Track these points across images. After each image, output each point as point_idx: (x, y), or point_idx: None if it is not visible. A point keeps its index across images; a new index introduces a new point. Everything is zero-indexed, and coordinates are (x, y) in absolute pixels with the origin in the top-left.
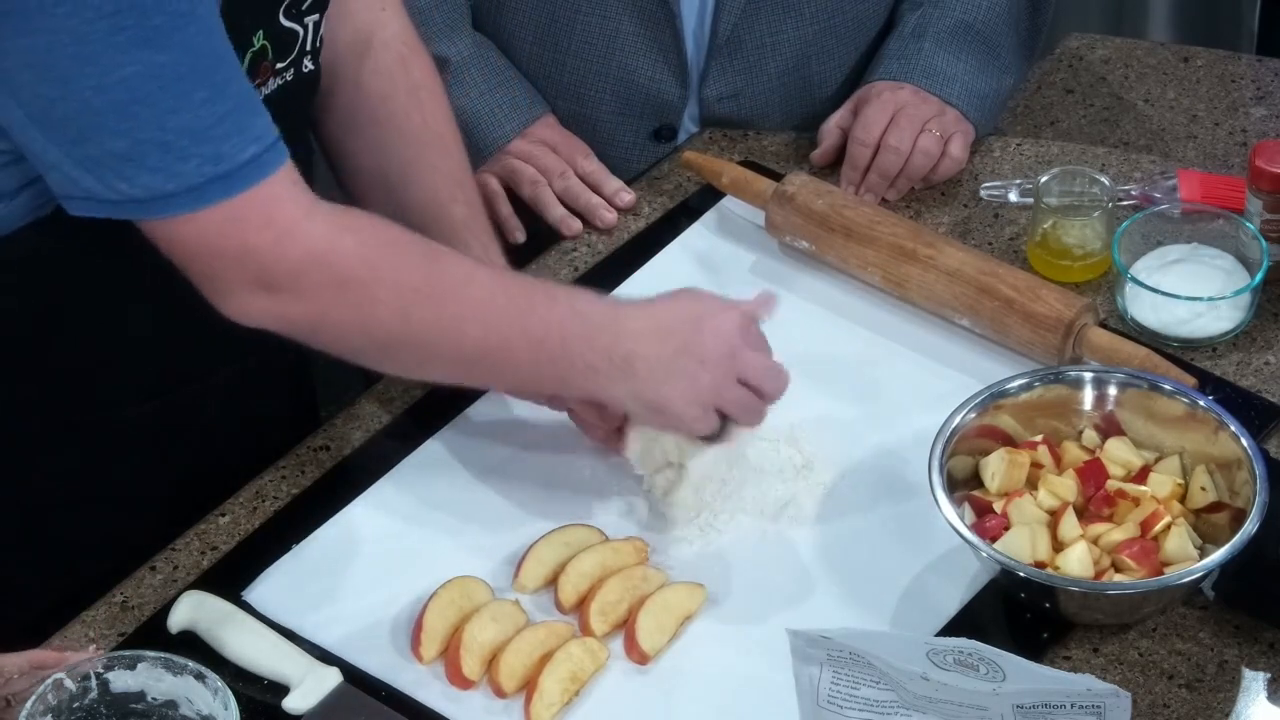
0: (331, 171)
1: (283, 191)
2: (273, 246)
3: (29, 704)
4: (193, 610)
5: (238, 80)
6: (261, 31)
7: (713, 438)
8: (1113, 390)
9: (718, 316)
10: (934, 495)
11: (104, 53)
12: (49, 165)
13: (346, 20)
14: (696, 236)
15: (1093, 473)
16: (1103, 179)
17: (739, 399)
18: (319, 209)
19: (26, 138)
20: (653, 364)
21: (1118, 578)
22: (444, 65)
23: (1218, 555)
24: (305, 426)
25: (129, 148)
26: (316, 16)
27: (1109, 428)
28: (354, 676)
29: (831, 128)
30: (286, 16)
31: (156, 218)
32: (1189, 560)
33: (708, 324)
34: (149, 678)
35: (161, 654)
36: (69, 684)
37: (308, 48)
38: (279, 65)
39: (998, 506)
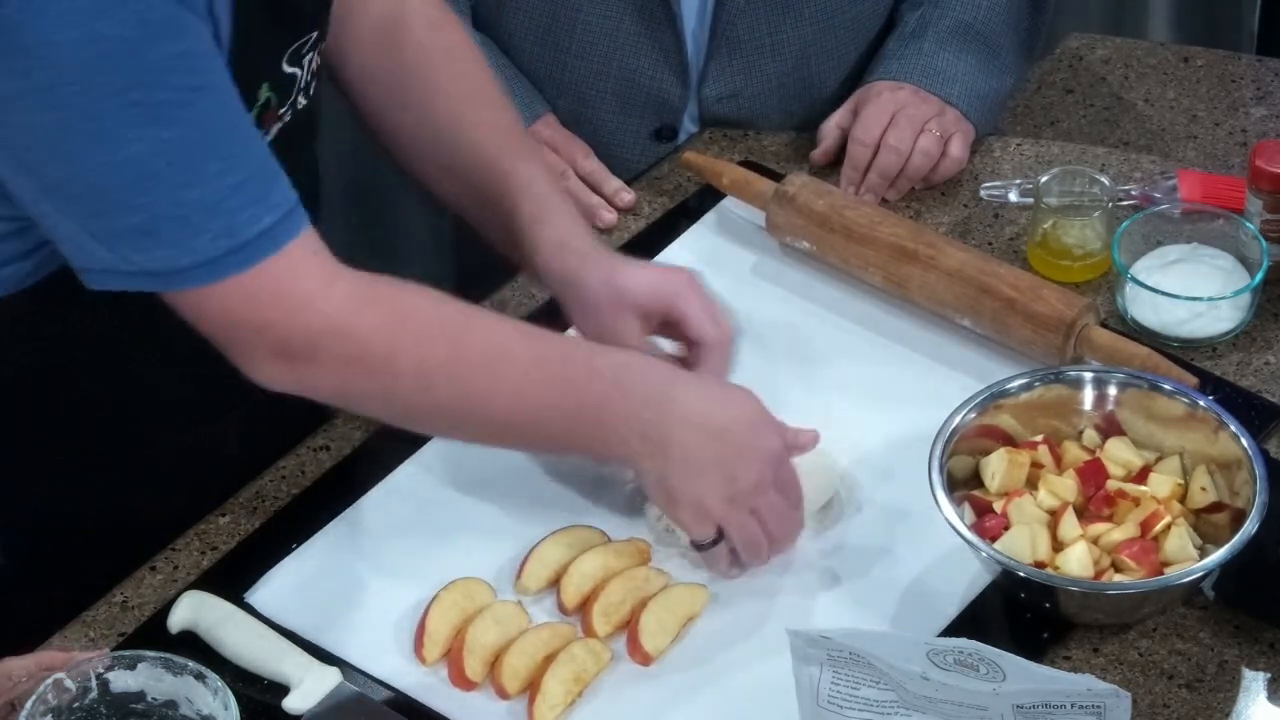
0: (386, 153)
1: (300, 262)
2: (289, 319)
3: (29, 704)
4: (193, 610)
5: (252, 148)
6: (266, 84)
7: (699, 546)
8: (1113, 390)
9: (764, 439)
10: (934, 495)
11: (114, 129)
12: (64, 238)
13: (372, 2)
14: (697, 237)
15: (1093, 473)
16: (1103, 179)
17: (746, 528)
18: (341, 279)
19: (41, 211)
20: (689, 456)
21: (1118, 578)
22: None
23: (1218, 555)
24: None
25: (144, 222)
26: (313, 54)
27: (1109, 428)
28: (355, 677)
29: (831, 128)
30: (289, 63)
31: (174, 290)
32: (1189, 560)
33: (752, 445)
34: (149, 678)
35: (161, 654)
36: (69, 684)
37: (301, 85)
38: (280, 110)
39: (998, 506)
